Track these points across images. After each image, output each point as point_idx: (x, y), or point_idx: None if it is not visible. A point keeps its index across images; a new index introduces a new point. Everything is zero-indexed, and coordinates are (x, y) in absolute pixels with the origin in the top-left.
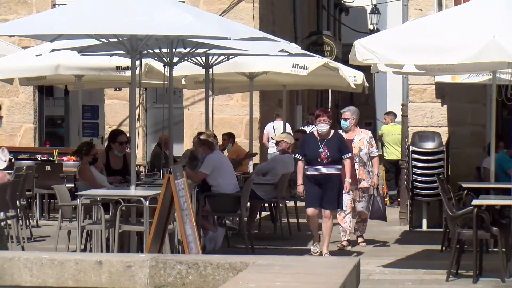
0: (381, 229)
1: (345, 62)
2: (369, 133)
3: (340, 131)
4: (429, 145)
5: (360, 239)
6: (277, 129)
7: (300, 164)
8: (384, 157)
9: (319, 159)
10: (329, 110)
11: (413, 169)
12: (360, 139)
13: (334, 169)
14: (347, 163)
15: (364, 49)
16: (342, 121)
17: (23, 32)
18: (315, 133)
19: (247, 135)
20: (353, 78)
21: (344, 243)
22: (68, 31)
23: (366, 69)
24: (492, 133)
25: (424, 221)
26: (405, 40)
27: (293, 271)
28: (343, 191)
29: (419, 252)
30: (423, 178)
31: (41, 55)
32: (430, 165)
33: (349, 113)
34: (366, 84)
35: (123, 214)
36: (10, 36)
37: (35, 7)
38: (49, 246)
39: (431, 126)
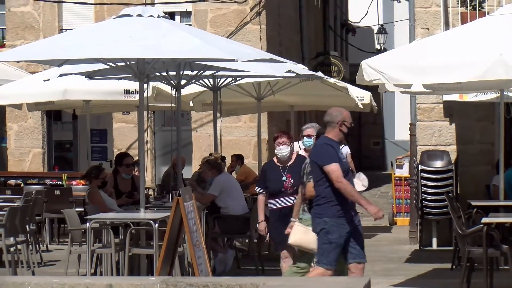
0: (391, 248)
1: (353, 82)
2: None
3: (301, 151)
4: (438, 164)
5: None
6: (302, 149)
7: (261, 198)
8: None
9: (283, 190)
10: (289, 132)
11: (422, 188)
12: None
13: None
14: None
15: (371, 69)
16: (306, 139)
17: (31, 58)
18: (275, 160)
19: (255, 156)
20: (361, 98)
21: None
22: (75, 56)
23: (373, 89)
24: (500, 150)
25: (434, 240)
26: (412, 59)
27: None
28: None
29: (429, 271)
30: (433, 197)
31: (48, 80)
32: (439, 183)
33: (312, 130)
34: (374, 103)
35: (133, 238)
36: (18, 61)
37: (42, 33)
38: (59, 271)
39: (439, 144)
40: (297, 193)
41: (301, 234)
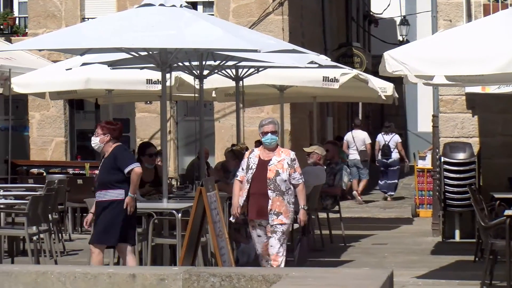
0: (413, 240)
1: (375, 73)
2: (292, 154)
3: (256, 150)
4: (461, 156)
5: None
6: (355, 137)
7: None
8: None
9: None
10: (113, 122)
11: (445, 180)
12: (279, 160)
13: (102, 195)
14: (131, 177)
15: (393, 60)
16: (270, 135)
17: (53, 46)
18: None
19: None
20: (383, 89)
21: None
22: (97, 45)
23: (396, 80)
24: None
25: (457, 232)
26: (434, 51)
27: (326, 282)
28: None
29: (452, 263)
30: (455, 189)
31: (71, 69)
32: (461, 175)
33: (274, 126)
34: (396, 95)
35: (156, 227)
36: (40, 50)
37: (64, 21)
38: (82, 260)
39: (462, 136)
40: (100, 188)
41: None
